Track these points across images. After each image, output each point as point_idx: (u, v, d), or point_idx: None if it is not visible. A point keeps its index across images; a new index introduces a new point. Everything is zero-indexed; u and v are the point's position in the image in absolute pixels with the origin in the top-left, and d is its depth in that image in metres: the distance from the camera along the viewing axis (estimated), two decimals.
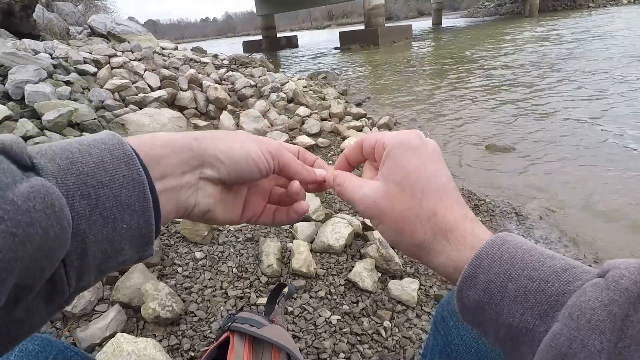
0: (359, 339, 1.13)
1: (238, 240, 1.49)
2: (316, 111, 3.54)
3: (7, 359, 0.40)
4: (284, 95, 3.70)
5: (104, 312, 1.07)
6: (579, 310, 0.23)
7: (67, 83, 2.30)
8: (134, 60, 3.27)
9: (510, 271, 0.26)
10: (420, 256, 0.33)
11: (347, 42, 17.42)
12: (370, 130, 3.23)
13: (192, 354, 1.02)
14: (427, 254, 0.32)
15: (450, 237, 0.31)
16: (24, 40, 3.06)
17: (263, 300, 1.19)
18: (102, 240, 0.24)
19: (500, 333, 0.27)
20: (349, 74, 8.36)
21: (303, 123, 3.10)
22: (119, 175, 0.25)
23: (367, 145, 0.37)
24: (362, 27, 20.17)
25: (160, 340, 1.03)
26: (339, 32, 18.59)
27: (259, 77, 4.22)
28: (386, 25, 19.22)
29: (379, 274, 1.37)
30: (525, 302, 0.25)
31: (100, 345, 0.98)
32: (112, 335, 0.98)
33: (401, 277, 1.38)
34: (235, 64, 4.94)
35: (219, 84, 3.47)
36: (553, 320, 0.24)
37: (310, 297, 1.26)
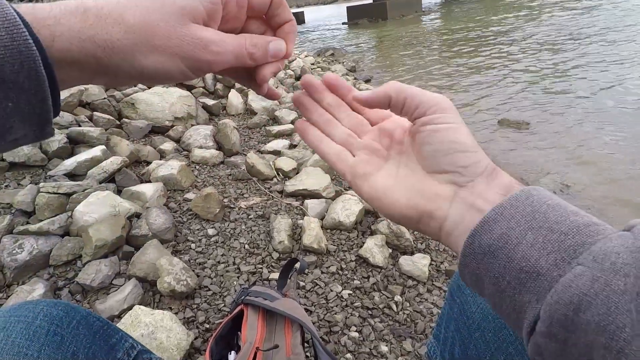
0: (370, 312, 1.15)
1: (249, 217, 1.50)
2: None
3: (33, 322, 0.41)
4: (292, 73, 3.65)
5: (121, 285, 1.10)
6: (604, 253, 0.22)
7: None
8: None
9: (531, 222, 0.26)
10: (489, 162, 0.32)
11: (355, 17, 16.97)
12: None
13: (207, 326, 1.05)
14: (490, 163, 0.32)
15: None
16: None
17: (275, 275, 1.21)
18: None
19: (502, 282, 0.26)
20: (357, 50, 8.17)
21: None
22: None
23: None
24: (369, 1, 19.60)
25: (176, 313, 1.06)
26: (347, 7, 18.09)
27: None
28: None
29: (390, 250, 1.38)
30: (543, 249, 0.24)
31: (119, 316, 1.01)
32: (129, 308, 1.01)
33: (412, 253, 1.38)
34: None
35: None
36: (569, 266, 0.23)
37: (322, 272, 1.27)
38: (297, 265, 1.03)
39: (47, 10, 0.24)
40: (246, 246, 1.35)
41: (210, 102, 2.61)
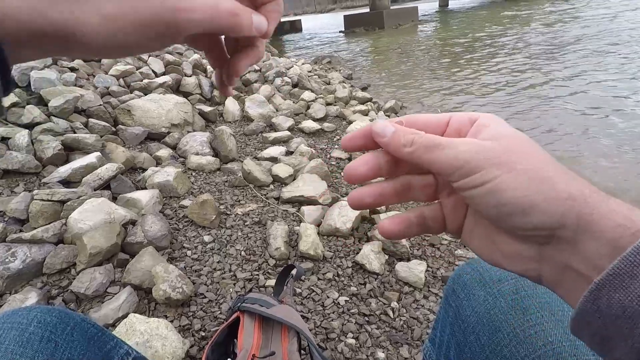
0: (367, 319, 1.14)
1: (246, 224, 1.50)
2: (321, 96, 3.51)
3: (27, 329, 0.41)
4: (289, 80, 3.67)
5: (116, 293, 1.09)
6: None
7: (72, 69, 2.30)
8: None
9: None
10: (573, 208, 0.22)
11: (352, 25, 17.13)
12: (376, 114, 3.20)
13: (203, 334, 1.04)
14: (580, 210, 0.22)
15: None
16: None
17: (271, 282, 1.20)
18: None
19: None
20: (354, 58, 8.24)
21: (308, 108, 3.08)
22: None
23: (456, 118, 0.29)
24: (366, 9, 19.80)
25: (171, 321, 1.05)
26: (344, 16, 18.28)
27: (263, 61, 4.17)
28: (391, 7, 18.83)
29: (386, 257, 1.38)
30: None
31: (114, 325, 1.00)
32: (124, 316, 1.00)
33: (408, 259, 1.38)
34: None
35: None
36: None
37: (318, 279, 1.27)
38: (294, 271, 1.03)
39: None
40: (242, 253, 1.34)
41: (207, 108, 2.61)
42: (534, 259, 0.25)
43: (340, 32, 16.93)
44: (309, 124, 2.66)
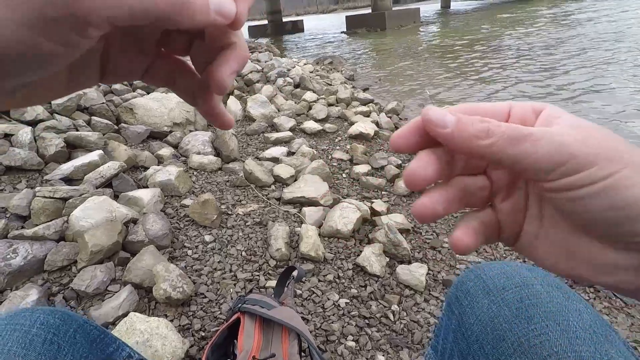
0: (367, 322, 1.14)
1: (247, 224, 1.50)
2: (323, 96, 3.50)
3: (30, 331, 0.41)
4: (291, 81, 3.67)
5: (116, 292, 1.09)
6: None
7: None
8: None
9: None
10: None
11: (354, 26, 17.14)
12: (378, 115, 3.20)
13: (203, 334, 1.04)
14: None
15: None
16: None
17: (272, 283, 1.20)
18: None
19: None
20: (356, 59, 8.24)
21: (310, 108, 3.08)
22: None
23: (518, 107, 0.25)
24: (368, 10, 19.80)
25: (171, 320, 1.05)
26: (346, 16, 18.29)
27: (265, 62, 4.18)
28: (393, 8, 18.85)
29: (387, 259, 1.38)
30: None
31: (114, 324, 1.00)
32: (124, 315, 1.00)
33: (409, 262, 1.38)
34: None
35: None
36: None
37: (319, 280, 1.27)
38: (295, 273, 1.03)
39: None
40: (243, 253, 1.34)
41: None
42: (632, 269, 0.21)
43: (342, 32, 16.94)
44: (310, 125, 2.66)
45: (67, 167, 1.49)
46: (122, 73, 0.25)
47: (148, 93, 2.36)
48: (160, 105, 2.23)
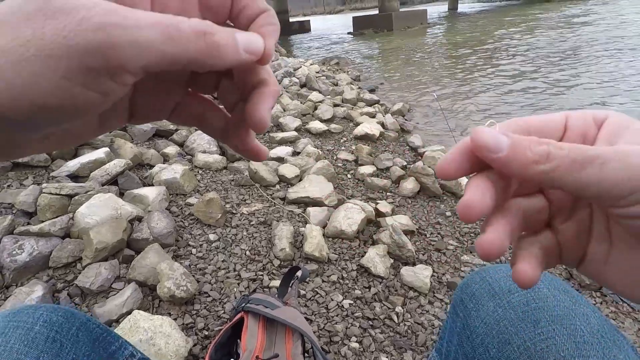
0: (371, 323, 1.13)
1: (251, 223, 1.49)
2: (329, 97, 3.50)
3: (32, 328, 0.41)
4: (297, 80, 3.67)
5: (120, 289, 1.09)
6: None
7: None
8: None
9: None
10: None
11: (361, 27, 17.12)
12: (384, 116, 3.19)
13: (206, 333, 1.04)
14: None
15: None
16: None
17: (275, 283, 1.20)
18: None
19: None
20: (362, 60, 8.23)
21: (316, 108, 3.08)
22: None
23: (576, 119, 0.23)
24: (375, 11, 19.79)
25: (175, 319, 1.05)
26: (353, 17, 18.28)
27: (272, 61, 4.18)
28: (401, 9, 18.81)
29: (392, 260, 1.37)
30: None
31: (117, 321, 1.00)
32: (128, 312, 1.00)
33: (414, 264, 1.37)
34: None
35: None
36: None
37: (323, 281, 1.26)
38: (299, 273, 1.02)
39: None
40: (247, 252, 1.34)
41: None
42: None
43: (348, 33, 16.92)
44: (316, 125, 2.65)
45: (73, 164, 1.50)
46: (150, 114, 0.25)
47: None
48: None
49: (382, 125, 2.93)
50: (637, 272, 0.21)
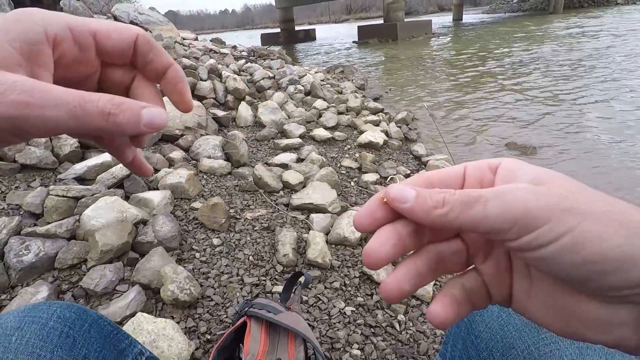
0: (373, 331, 1.13)
1: (255, 229, 1.50)
2: (333, 105, 3.53)
3: (47, 324, 0.42)
4: (302, 88, 3.70)
5: (124, 292, 1.10)
6: None
7: None
8: None
9: None
10: None
11: (366, 36, 17.28)
12: (388, 124, 3.21)
13: (209, 337, 1.04)
14: None
15: None
16: None
17: (278, 288, 1.20)
18: None
19: None
20: (367, 69, 8.29)
21: (320, 116, 3.10)
22: None
23: (472, 168, 0.25)
24: (380, 21, 19.98)
25: (178, 322, 1.05)
26: (358, 26, 18.46)
27: (277, 69, 4.22)
28: (405, 20, 18.99)
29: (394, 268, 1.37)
30: None
31: (121, 323, 1.00)
32: (132, 315, 1.01)
33: None
34: (253, 56, 4.95)
35: (238, 74, 3.49)
36: None
37: (325, 287, 1.26)
38: (302, 279, 1.03)
39: None
40: (250, 258, 1.34)
41: (220, 113, 2.64)
42: (627, 325, 0.20)
43: (353, 42, 17.07)
44: (320, 132, 2.67)
45: (80, 167, 1.52)
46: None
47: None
48: (173, 108, 2.26)
49: (386, 133, 2.94)
50: (552, 305, 0.22)
